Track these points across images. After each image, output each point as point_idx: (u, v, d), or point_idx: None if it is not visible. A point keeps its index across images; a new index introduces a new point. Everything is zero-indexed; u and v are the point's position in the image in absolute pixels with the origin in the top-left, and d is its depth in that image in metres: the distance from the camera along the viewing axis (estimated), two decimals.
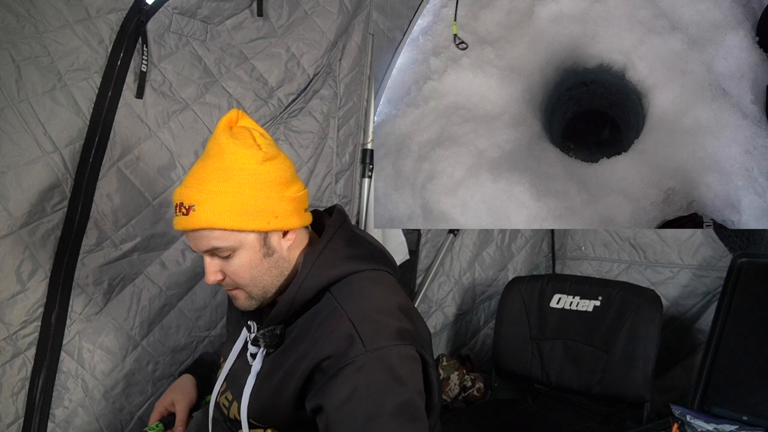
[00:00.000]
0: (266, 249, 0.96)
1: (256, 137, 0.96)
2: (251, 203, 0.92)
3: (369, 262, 1.01)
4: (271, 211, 0.94)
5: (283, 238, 0.98)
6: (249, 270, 0.96)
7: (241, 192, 0.91)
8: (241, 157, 0.92)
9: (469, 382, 2.14)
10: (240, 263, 0.95)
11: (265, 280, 0.98)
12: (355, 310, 0.92)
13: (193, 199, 0.91)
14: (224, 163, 0.92)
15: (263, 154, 0.94)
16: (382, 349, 0.88)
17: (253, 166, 0.93)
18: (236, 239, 0.93)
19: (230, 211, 0.91)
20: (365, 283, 0.98)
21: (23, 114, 1.24)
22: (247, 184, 0.92)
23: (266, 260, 0.97)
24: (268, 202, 0.93)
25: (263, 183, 0.93)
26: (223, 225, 0.91)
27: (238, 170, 0.92)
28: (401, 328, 0.92)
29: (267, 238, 0.96)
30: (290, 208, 0.97)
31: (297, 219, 0.99)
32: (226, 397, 1.08)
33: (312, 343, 0.92)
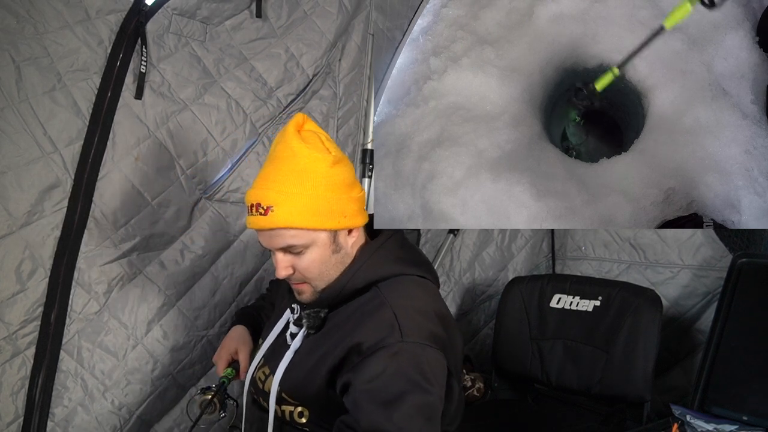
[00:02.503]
0: (335, 246, 1.04)
1: (323, 141, 1.02)
2: (324, 204, 0.99)
3: (417, 267, 1.10)
4: (341, 211, 1.01)
5: (348, 235, 1.06)
6: (319, 265, 1.03)
7: (315, 194, 0.98)
8: (313, 161, 0.98)
9: (469, 382, 2.14)
10: (311, 259, 1.02)
11: (331, 274, 1.06)
12: (399, 305, 0.99)
13: (272, 200, 0.97)
14: (298, 165, 0.98)
15: (333, 157, 1.00)
16: (418, 344, 0.94)
17: (325, 169, 0.99)
18: (310, 237, 1.00)
19: (306, 211, 0.98)
20: (411, 285, 1.06)
21: (23, 114, 1.24)
22: (321, 186, 0.98)
23: (334, 256, 1.04)
24: (338, 202, 1.01)
25: (334, 185, 1.00)
26: (300, 224, 0.98)
27: (311, 173, 0.98)
28: (436, 333, 0.99)
29: (336, 236, 1.04)
30: (356, 208, 1.05)
31: (361, 218, 1.07)
32: (263, 371, 1.14)
33: (354, 327, 1.00)
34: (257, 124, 1.63)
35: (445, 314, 1.06)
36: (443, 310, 1.06)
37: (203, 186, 1.54)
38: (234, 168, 1.59)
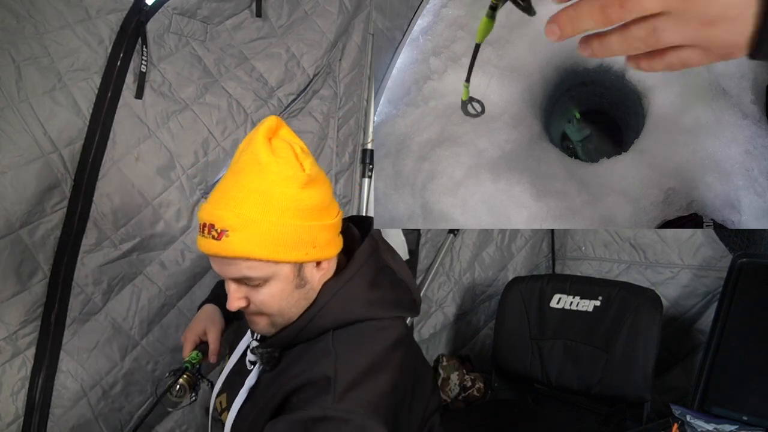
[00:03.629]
0: (299, 280, 0.90)
1: (298, 154, 0.86)
2: (291, 233, 0.84)
3: (387, 308, 0.96)
4: (311, 240, 0.87)
5: (317, 268, 0.92)
6: (278, 301, 0.90)
7: (280, 221, 0.83)
8: (282, 180, 0.83)
9: (469, 382, 2.14)
10: (270, 293, 0.88)
11: (293, 310, 0.92)
12: (346, 361, 0.86)
13: (227, 223, 0.82)
14: (263, 184, 0.82)
15: (306, 176, 0.84)
16: (351, 412, 0.80)
17: (295, 191, 0.84)
18: (270, 270, 0.86)
19: (268, 241, 0.83)
20: (369, 338, 0.91)
21: (23, 114, 1.24)
22: (288, 212, 0.83)
23: (297, 292, 0.91)
24: (308, 231, 0.86)
25: (305, 210, 0.85)
26: (259, 255, 0.83)
27: (279, 195, 0.83)
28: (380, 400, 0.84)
29: (302, 269, 0.89)
30: (328, 237, 0.90)
31: (333, 247, 0.93)
32: (221, 401, 1.06)
33: (297, 373, 0.89)
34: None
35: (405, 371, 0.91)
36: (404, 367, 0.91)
37: (204, 186, 1.54)
38: None
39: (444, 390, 2.11)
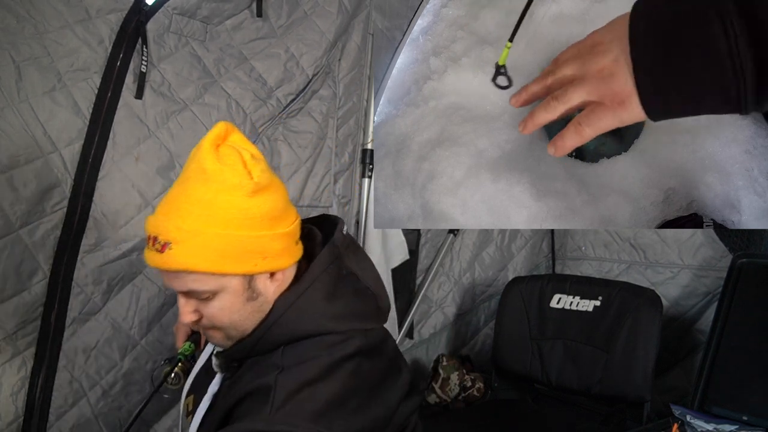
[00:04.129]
0: (250, 292, 0.86)
1: (247, 161, 0.83)
2: (237, 244, 0.81)
3: (345, 321, 0.90)
4: (260, 251, 0.83)
5: (270, 279, 0.88)
6: (229, 314, 0.86)
7: (226, 232, 0.80)
8: (228, 189, 0.80)
9: (469, 382, 2.14)
10: (220, 307, 0.85)
11: (246, 324, 0.89)
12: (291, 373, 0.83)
13: (170, 236, 0.79)
14: (208, 193, 0.79)
15: (254, 184, 0.81)
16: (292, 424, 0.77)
17: (242, 200, 0.80)
18: (217, 283, 0.83)
19: (213, 253, 0.79)
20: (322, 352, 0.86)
21: (23, 114, 1.24)
22: (234, 222, 0.80)
23: (249, 304, 0.87)
24: (257, 242, 0.82)
25: (252, 220, 0.81)
26: (204, 268, 0.80)
27: (223, 204, 0.79)
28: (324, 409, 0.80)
29: (252, 281, 0.86)
30: (281, 246, 0.86)
31: (288, 257, 0.89)
32: (188, 403, 1.03)
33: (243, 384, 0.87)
34: (257, 123, 1.63)
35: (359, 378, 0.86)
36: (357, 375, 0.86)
37: None
38: None
39: (444, 390, 2.11)
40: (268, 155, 1.68)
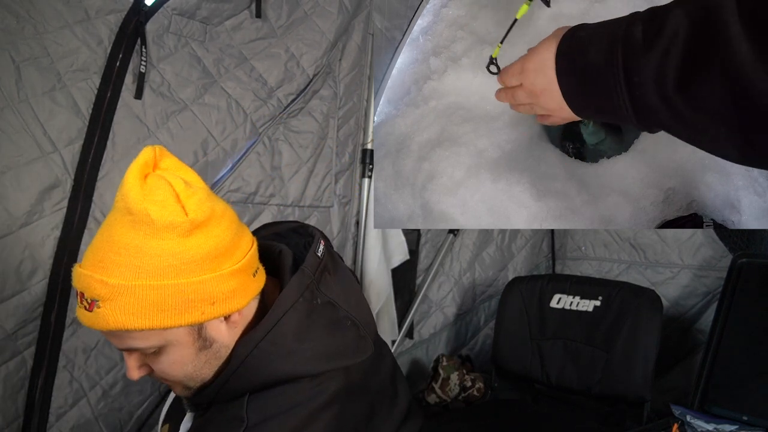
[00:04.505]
0: (202, 342, 0.76)
1: (180, 192, 0.70)
2: (176, 294, 0.69)
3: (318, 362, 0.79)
4: (205, 298, 0.71)
5: (225, 322, 0.77)
6: (181, 368, 0.76)
7: (160, 283, 0.68)
8: (158, 231, 0.68)
9: (469, 382, 2.14)
10: (169, 361, 0.75)
11: (203, 373, 0.78)
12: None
13: (96, 293, 0.68)
14: (136, 239, 0.68)
15: (189, 221, 0.69)
16: None
17: (176, 243, 0.69)
18: (160, 338, 0.72)
19: (147, 308, 0.68)
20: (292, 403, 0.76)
21: (23, 114, 1.24)
22: (170, 270, 0.68)
23: (203, 353, 0.76)
24: (200, 288, 0.70)
25: (191, 264, 0.70)
26: (140, 326, 0.69)
27: (154, 250, 0.68)
28: None
29: (202, 329, 0.75)
30: (232, 287, 0.74)
31: (242, 297, 0.76)
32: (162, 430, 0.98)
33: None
34: (257, 123, 1.63)
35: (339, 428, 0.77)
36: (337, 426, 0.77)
37: None
38: (234, 168, 1.59)
39: (444, 390, 2.11)
40: (270, 155, 1.68)
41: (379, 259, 1.98)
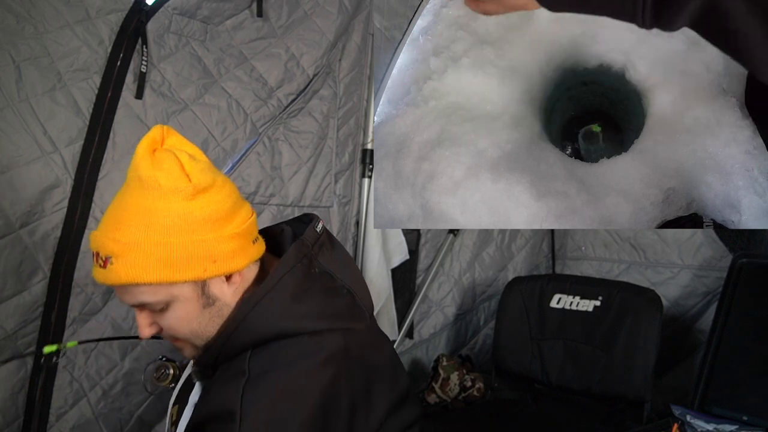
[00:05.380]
0: (206, 299, 0.83)
1: (185, 163, 0.79)
2: (180, 251, 0.77)
3: (314, 321, 0.84)
4: (207, 255, 0.79)
5: (226, 282, 0.84)
6: (187, 323, 0.83)
7: (167, 240, 0.76)
8: (165, 194, 0.77)
9: (469, 382, 2.14)
10: (176, 317, 0.82)
11: (208, 331, 0.85)
12: (257, 392, 0.77)
13: (109, 249, 0.77)
14: (145, 201, 0.77)
15: (193, 186, 0.78)
16: None
17: (181, 205, 0.77)
18: (167, 293, 0.80)
19: (155, 263, 0.76)
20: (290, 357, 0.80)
21: (23, 114, 1.24)
22: (175, 229, 0.77)
23: (206, 311, 0.83)
24: (202, 246, 0.78)
25: (195, 224, 0.78)
26: (148, 280, 0.77)
27: (161, 212, 0.76)
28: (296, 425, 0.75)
29: (206, 286, 0.82)
30: (232, 248, 0.82)
31: (242, 258, 0.83)
32: (173, 413, 1.00)
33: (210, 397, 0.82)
34: (258, 123, 1.63)
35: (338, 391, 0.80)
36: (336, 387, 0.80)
37: None
38: (234, 168, 1.59)
39: (444, 390, 2.11)
40: (270, 155, 1.68)
41: (379, 259, 1.98)
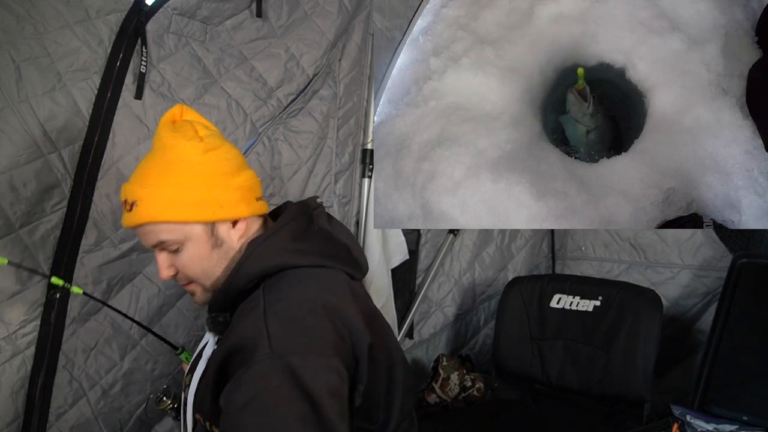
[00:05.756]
0: (214, 240, 0.95)
1: (198, 129, 0.95)
2: (194, 194, 0.91)
3: (315, 257, 0.96)
4: (216, 200, 0.93)
5: (232, 228, 0.97)
6: (199, 262, 0.95)
7: (181, 183, 0.91)
8: (181, 150, 0.92)
9: (469, 382, 2.14)
10: (189, 256, 0.94)
11: (216, 271, 0.97)
12: (276, 309, 0.85)
13: (136, 195, 0.91)
14: (165, 156, 0.92)
15: (204, 144, 0.93)
16: (290, 356, 0.78)
17: (194, 157, 0.92)
18: (182, 232, 0.93)
19: (172, 203, 0.91)
20: (298, 280, 0.91)
21: (23, 114, 1.24)
22: (188, 175, 0.91)
23: (215, 251, 0.96)
24: (211, 191, 0.93)
25: (205, 173, 0.92)
26: (166, 218, 0.91)
27: (179, 162, 0.92)
28: (320, 333, 0.83)
29: (214, 228, 0.95)
30: (237, 197, 0.95)
31: (245, 208, 0.97)
32: (186, 380, 1.05)
33: (231, 332, 0.89)
34: (257, 123, 1.63)
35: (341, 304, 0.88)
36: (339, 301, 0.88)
37: None
38: None
39: (444, 390, 2.11)
40: (269, 155, 1.68)
41: (379, 259, 1.98)
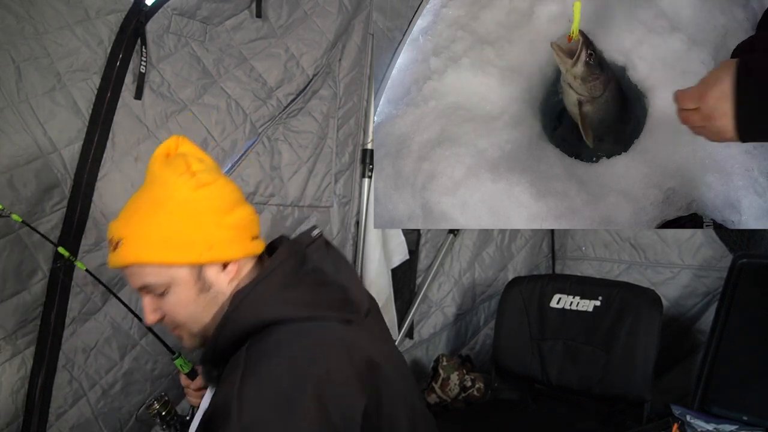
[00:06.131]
0: (202, 283, 0.88)
1: (191, 163, 0.87)
2: (179, 234, 0.85)
3: (304, 308, 0.86)
4: (204, 241, 0.86)
5: (222, 271, 0.89)
6: (185, 307, 0.89)
7: (168, 222, 0.85)
8: (171, 186, 0.86)
9: (469, 382, 2.14)
10: (175, 300, 0.88)
11: (204, 317, 0.90)
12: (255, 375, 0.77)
13: (121, 233, 0.86)
14: (153, 193, 0.87)
15: (196, 180, 0.86)
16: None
17: (183, 194, 0.85)
18: (167, 275, 0.86)
19: (156, 244, 0.84)
20: (285, 340, 0.81)
21: (23, 114, 1.24)
22: (176, 213, 0.85)
23: (203, 296, 0.89)
24: (199, 231, 0.86)
25: (194, 211, 0.86)
26: (150, 260, 0.85)
27: (167, 200, 0.85)
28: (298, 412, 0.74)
29: (202, 271, 0.88)
30: (228, 237, 0.88)
31: (237, 249, 0.89)
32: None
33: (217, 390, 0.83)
34: (257, 124, 1.63)
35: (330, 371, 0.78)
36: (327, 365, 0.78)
37: None
38: (234, 168, 1.59)
39: (444, 390, 2.11)
40: (269, 155, 1.68)
41: (379, 259, 1.98)
